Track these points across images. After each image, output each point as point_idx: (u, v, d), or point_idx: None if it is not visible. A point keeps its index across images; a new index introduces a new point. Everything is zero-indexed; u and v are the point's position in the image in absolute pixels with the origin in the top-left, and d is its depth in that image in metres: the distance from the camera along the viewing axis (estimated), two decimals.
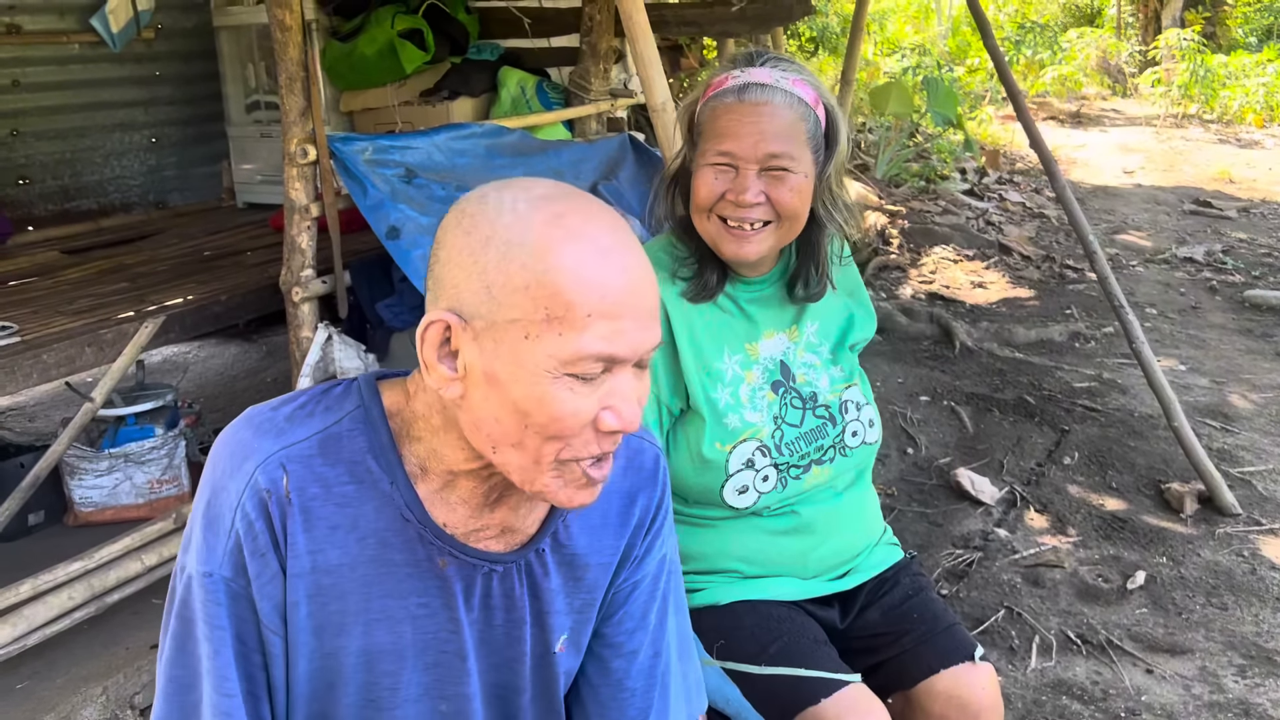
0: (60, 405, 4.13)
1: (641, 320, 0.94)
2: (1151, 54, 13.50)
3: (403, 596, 1.02)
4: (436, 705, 1.07)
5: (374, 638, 1.02)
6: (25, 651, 2.28)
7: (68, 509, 3.07)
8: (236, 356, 4.79)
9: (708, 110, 1.56)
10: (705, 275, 1.61)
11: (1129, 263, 6.35)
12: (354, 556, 0.99)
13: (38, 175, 4.74)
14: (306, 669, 1.01)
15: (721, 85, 1.55)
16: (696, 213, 1.58)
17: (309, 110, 2.75)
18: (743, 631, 1.59)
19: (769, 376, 1.65)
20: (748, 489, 1.60)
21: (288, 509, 0.96)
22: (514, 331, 0.91)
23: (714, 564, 1.65)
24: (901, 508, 3.38)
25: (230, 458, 0.98)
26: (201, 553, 0.97)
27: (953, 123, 8.00)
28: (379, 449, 0.99)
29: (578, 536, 1.10)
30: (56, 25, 4.71)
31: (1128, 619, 2.77)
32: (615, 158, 3.73)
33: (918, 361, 4.63)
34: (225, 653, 0.97)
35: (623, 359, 0.93)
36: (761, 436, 1.61)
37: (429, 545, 1.01)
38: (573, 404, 0.92)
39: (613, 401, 0.94)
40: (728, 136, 1.52)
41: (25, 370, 2.58)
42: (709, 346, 1.60)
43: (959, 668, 1.59)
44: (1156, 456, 3.62)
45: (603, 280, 0.91)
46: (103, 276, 3.50)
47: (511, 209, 0.93)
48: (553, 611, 1.09)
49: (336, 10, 4.21)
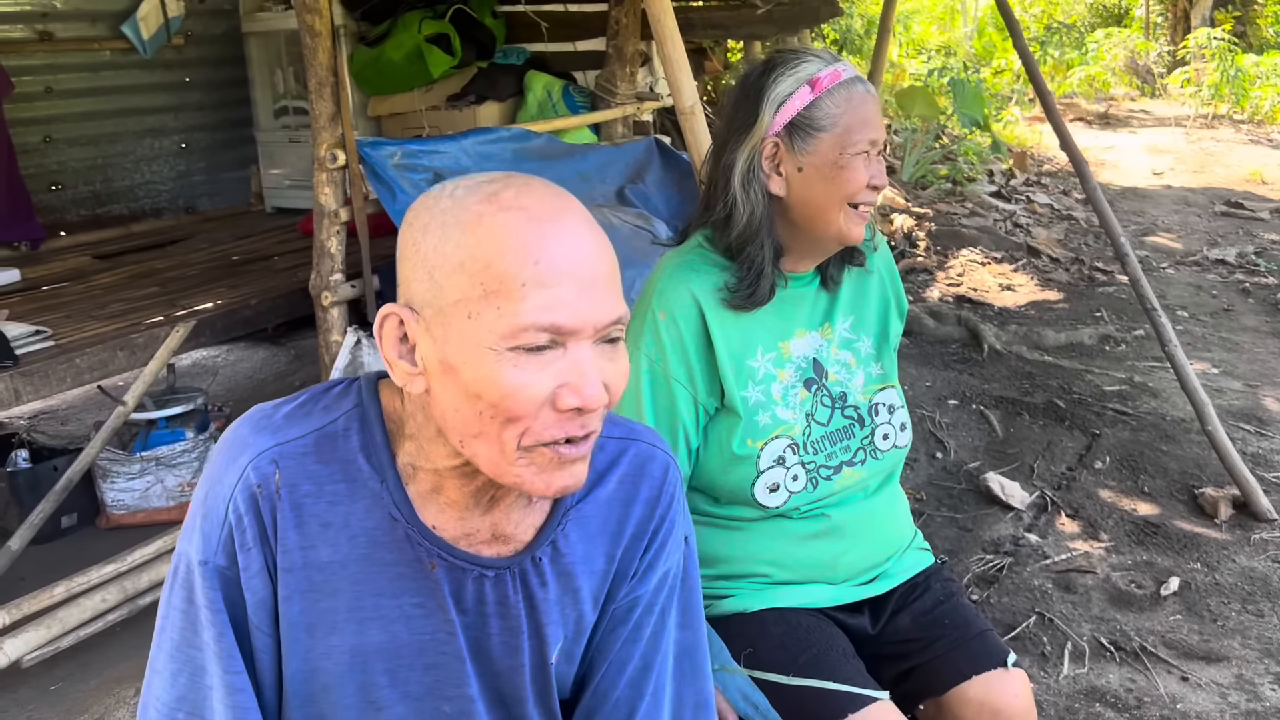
0: (92, 409, 4.17)
1: (584, 288, 0.89)
2: (1181, 54, 13.38)
3: (395, 596, 1.01)
4: (439, 706, 1.06)
5: (367, 637, 1.01)
6: (59, 653, 2.31)
7: (100, 511, 3.10)
8: (265, 360, 4.82)
9: (839, 99, 1.53)
10: (759, 287, 1.58)
11: (1159, 265, 6.29)
12: (345, 555, 0.99)
13: (70, 181, 4.80)
14: (300, 668, 1.01)
15: (837, 78, 1.54)
16: (832, 204, 1.55)
17: (338, 115, 2.77)
18: (771, 641, 1.57)
19: (802, 374, 1.64)
20: (779, 487, 1.59)
21: (278, 504, 0.97)
22: (458, 313, 0.89)
23: (742, 568, 1.64)
24: (930, 512, 3.36)
25: (227, 452, 0.99)
26: (198, 542, 0.99)
27: (979, 124, 7.96)
28: (372, 448, 0.99)
29: (576, 545, 1.07)
30: (88, 32, 4.77)
31: (1162, 625, 2.73)
32: (642, 161, 3.74)
33: (946, 365, 4.60)
34: (228, 635, 0.98)
35: (568, 329, 0.89)
36: (793, 434, 1.60)
37: (418, 546, 1.00)
38: (520, 379, 0.89)
39: (569, 378, 0.90)
40: (870, 125, 1.54)
41: (59, 374, 2.61)
42: (741, 344, 1.59)
43: (991, 674, 1.57)
44: (1189, 461, 3.57)
45: (535, 247, 0.88)
46: (134, 281, 3.54)
47: (450, 195, 0.93)
48: (549, 622, 1.07)
49: (364, 16, 4.24)
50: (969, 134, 8.49)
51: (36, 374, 2.56)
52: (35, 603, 2.27)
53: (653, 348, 1.58)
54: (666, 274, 1.61)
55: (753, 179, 1.57)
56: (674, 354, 1.57)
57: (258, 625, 1.00)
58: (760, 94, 1.55)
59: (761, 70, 1.58)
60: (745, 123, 1.57)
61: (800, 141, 1.54)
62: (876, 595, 1.70)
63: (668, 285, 1.59)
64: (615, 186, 3.58)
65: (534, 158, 3.39)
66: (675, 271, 1.61)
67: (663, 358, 1.57)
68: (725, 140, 1.61)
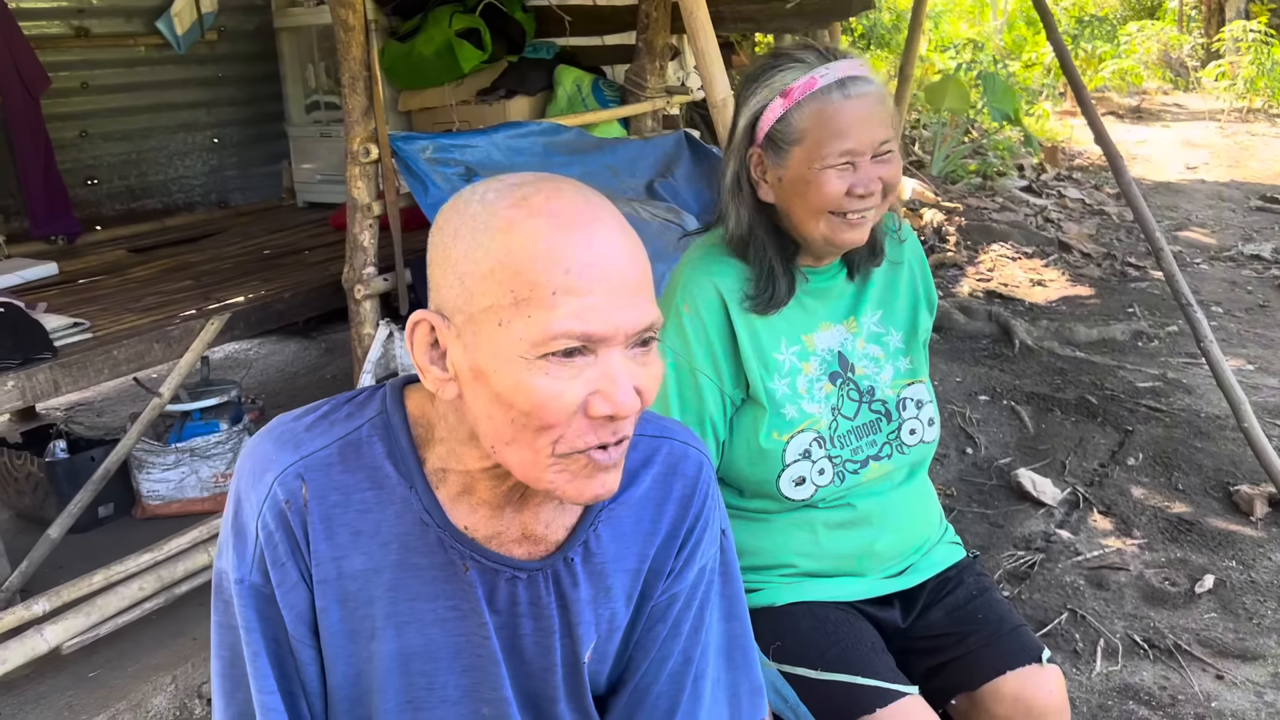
0: (127, 401, 4.22)
1: (616, 295, 0.88)
2: (1215, 47, 13.20)
3: (431, 599, 1.01)
4: (478, 709, 1.06)
5: (406, 640, 1.01)
6: (98, 641, 2.34)
7: (136, 502, 3.13)
8: (297, 353, 4.86)
9: (808, 113, 1.50)
10: (775, 288, 1.57)
11: (1193, 260, 6.21)
12: (378, 561, 0.99)
13: (105, 176, 4.85)
14: (344, 674, 1.02)
15: (813, 86, 1.50)
16: (810, 216, 1.53)
17: (371, 110, 2.78)
18: (799, 635, 1.57)
19: (826, 368, 1.63)
20: (805, 480, 1.59)
21: (308, 518, 0.97)
22: (489, 320, 0.89)
23: (770, 559, 1.64)
24: (961, 508, 3.34)
25: (252, 470, 0.99)
26: (233, 560, 1.00)
27: (1010, 118, 7.88)
28: (398, 454, 0.99)
29: (608, 545, 1.07)
30: (123, 28, 4.81)
31: (1196, 623, 2.71)
32: (671, 155, 3.73)
33: (976, 360, 4.57)
34: (263, 655, 0.99)
35: (600, 337, 0.88)
36: (819, 428, 1.60)
37: (450, 549, 1.00)
38: (553, 389, 0.88)
39: (601, 385, 0.89)
40: (846, 135, 1.49)
41: (97, 365, 2.64)
42: (766, 338, 1.59)
43: (1026, 669, 1.56)
44: (1224, 458, 3.53)
45: (566, 255, 0.87)
46: (168, 275, 3.58)
47: (480, 199, 0.92)
48: (582, 622, 1.07)
49: (395, 10, 4.26)
50: (999, 128, 8.42)
51: (75, 365, 2.59)
52: (74, 590, 2.30)
53: (678, 341, 1.58)
54: (690, 268, 1.62)
55: (739, 188, 1.58)
56: (699, 347, 1.57)
57: (299, 638, 1.00)
58: (743, 103, 1.56)
59: (750, 75, 1.57)
60: (735, 131, 1.58)
61: (774, 155, 1.54)
62: (907, 589, 1.69)
63: (691, 279, 1.60)
64: (644, 180, 3.58)
65: (564, 152, 3.40)
66: (699, 265, 1.61)
67: (688, 351, 1.57)
68: (726, 146, 1.64)
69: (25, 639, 2.19)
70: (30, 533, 2.88)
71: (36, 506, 3.07)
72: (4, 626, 2.19)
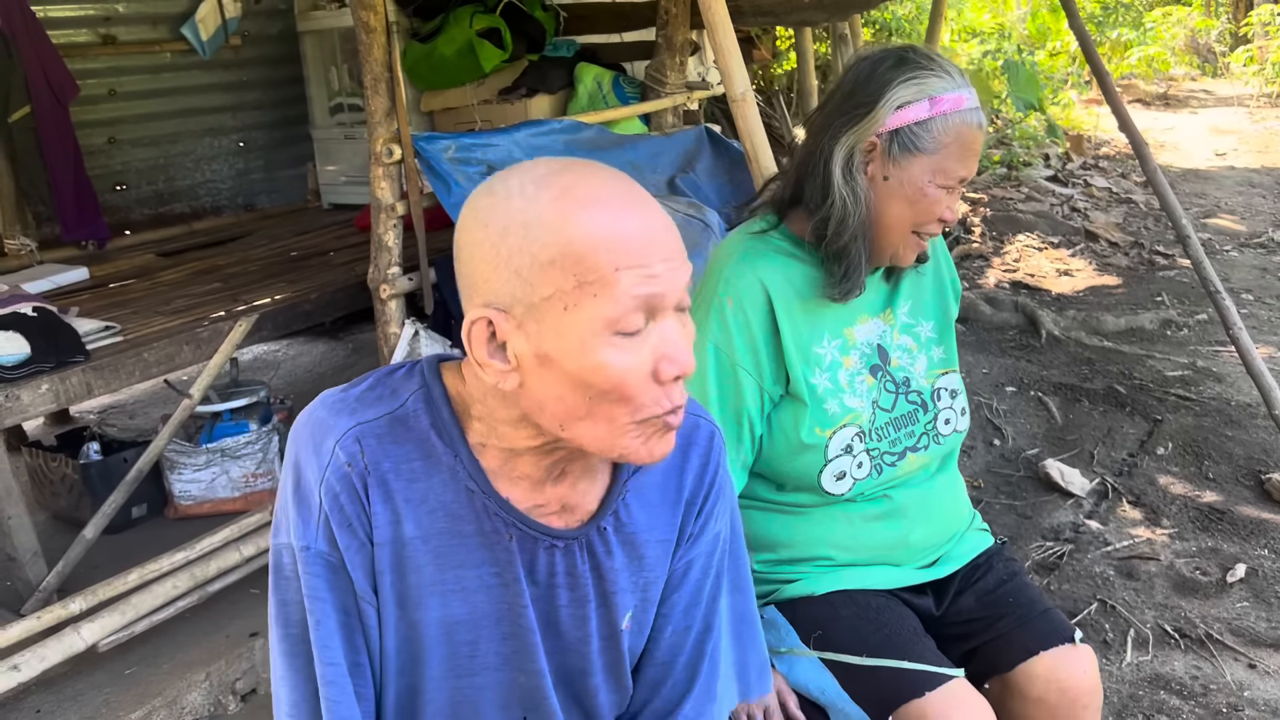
0: (158, 403, 4.28)
1: (669, 260, 0.95)
2: (1243, 32, 13.03)
3: (476, 566, 1.04)
4: (515, 677, 1.08)
5: (451, 609, 1.04)
6: (133, 639, 2.38)
7: (168, 502, 3.18)
8: (324, 354, 4.91)
9: (951, 129, 1.48)
10: (858, 280, 1.55)
11: (1222, 247, 6.15)
12: (426, 529, 1.02)
13: (134, 181, 4.91)
14: (394, 642, 1.04)
15: (961, 104, 1.48)
16: (898, 225, 1.52)
17: (393, 111, 2.80)
18: (841, 622, 1.57)
19: (867, 361, 1.62)
20: (845, 475, 1.59)
21: (368, 480, 1.00)
22: (553, 307, 0.93)
23: (806, 551, 1.64)
24: (989, 500, 3.33)
25: (310, 437, 1.02)
26: (297, 528, 1.01)
27: (1035, 108, 7.82)
28: (442, 426, 1.03)
29: (637, 514, 1.11)
30: (149, 35, 4.87)
31: (1228, 613, 2.68)
32: (692, 150, 3.74)
33: (1003, 351, 4.55)
34: (327, 623, 1.01)
35: (661, 301, 0.94)
36: (860, 422, 1.59)
37: (494, 517, 1.04)
38: (627, 361, 0.93)
39: (665, 349, 0.95)
40: (968, 163, 1.49)
41: (128, 368, 2.68)
42: (809, 331, 1.58)
43: (1059, 650, 1.56)
44: (1255, 446, 3.50)
45: (621, 234, 0.93)
46: (197, 278, 3.62)
47: (520, 193, 0.95)
48: (618, 590, 1.10)
49: (416, 12, 4.28)
50: (1024, 118, 8.35)
51: (107, 368, 2.63)
52: (110, 589, 2.34)
53: (720, 334, 1.56)
54: (734, 260, 1.58)
55: (855, 171, 1.51)
56: (741, 341, 1.55)
57: (367, 599, 1.03)
58: (883, 89, 1.48)
59: (891, 63, 1.50)
60: (857, 112, 1.50)
61: (898, 152, 1.49)
62: (940, 578, 1.70)
63: (735, 271, 1.57)
64: (666, 176, 3.58)
65: (585, 149, 3.41)
66: (742, 257, 1.58)
67: (729, 345, 1.56)
68: (828, 123, 1.53)
69: (63, 637, 2.23)
70: (66, 533, 2.93)
71: (71, 508, 3.12)
72: (42, 625, 2.23)
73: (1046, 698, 1.54)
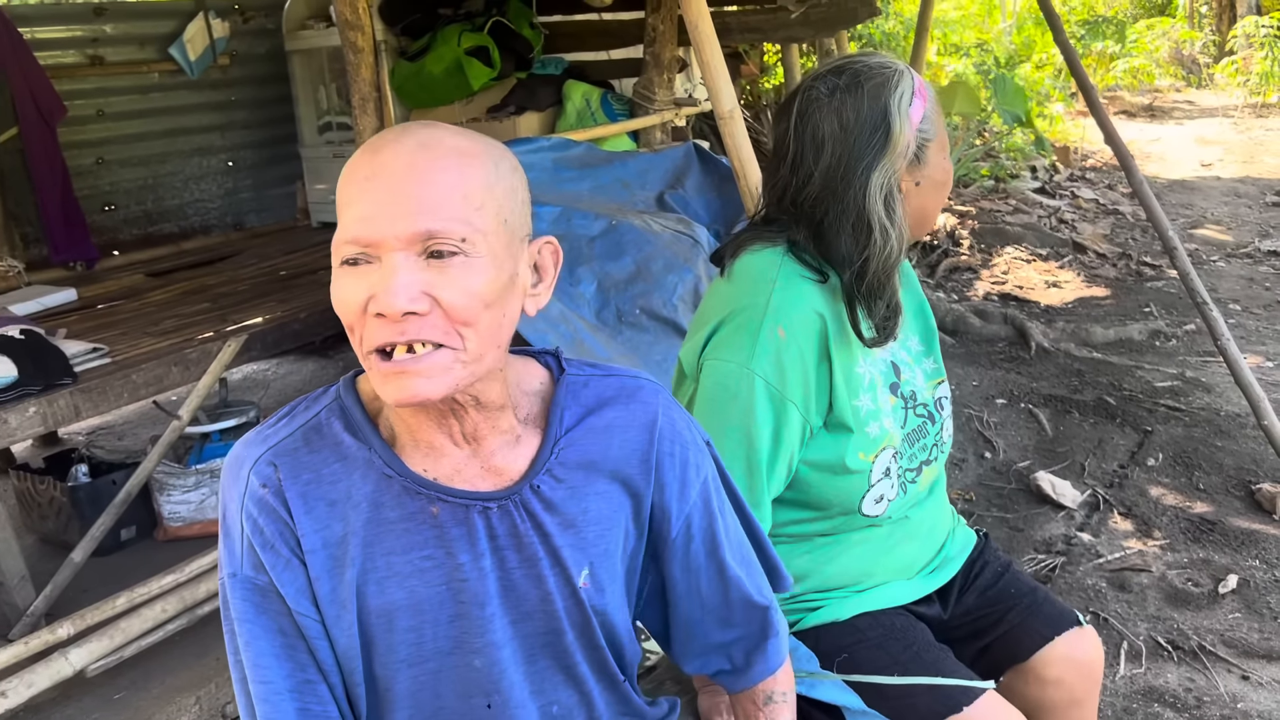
0: (148, 424, 4.26)
1: (384, 205, 0.95)
2: (1228, 43, 13.13)
3: (404, 551, 1.06)
4: (470, 660, 1.09)
5: (388, 596, 1.06)
6: (122, 663, 2.36)
7: (157, 524, 3.16)
8: (314, 372, 4.89)
9: (932, 106, 1.48)
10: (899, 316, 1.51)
11: (1209, 258, 6.18)
12: (352, 524, 1.05)
13: (122, 201, 4.91)
14: (343, 642, 1.07)
15: (924, 82, 1.49)
16: (935, 213, 1.53)
17: (382, 129, 2.80)
18: (867, 644, 1.55)
19: (886, 379, 1.60)
20: (883, 498, 1.57)
21: (286, 496, 1.04)
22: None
23: (830, 583, 1.61)
24: (981, 513, 3.33)
25: (229, 471, 1.07)
26: (224, 558, 1.07)
27: (1021, 120, 7.86)
28: (354, 425, 1.07)
29: (576, 470, 1.12)
30: (137, 55, 4.87)
31: (1220, 624, 2.69)
32: (681, 167, 3.75)
33: (993, 364, 4.56)
34: (257, 644, 1.05)
35: (372, 241, 0.95)
36: (894, 443, 1.55)
37: (416, 495, 1.06)
38: (343, 291, 0.98)
39: (375, 288, 0.96)
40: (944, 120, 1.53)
41: (116, 390, 2.67)
42: (848, 355, 1.53)
43: (1070, 634, 1.62)
44: (1245, 456, 3.51)
45: (354, 171, 0.98)
46: (186, 298, 3.61)
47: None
48: (564, 546, 1.10)
49: (404, 30, 4.29)
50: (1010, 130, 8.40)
51: (95, 390, 2.62)
52: (98, 613, 2.32)
53: (771, 368, 1.46)
54: (781, 286, 1.48)
55: (894, 202, 1.44)
56: (795, 375, 1.46)
57: (304, 613, 1.05)
58: (886, 112, 1.43)
59: (871, 85, 1.44)
60: (874, 144, 1.43)
61: (919, 153, 1.47)
62: (944, 584, 1.70)
63: (786, 300, 1.47)
64: (655, 192, 3.59)
65: (574, 166, 3.42)
66: (789, 283, 1.48)
67: (782, 379, 1.46)
68: (849, 166, 1.44)
69: (51, 662, 2.21)
70: (54, 557, 2.90)
71: (60, 531, 3.10)
72: (30, 650, 2.22)
73: (1064, 678, 1.60)
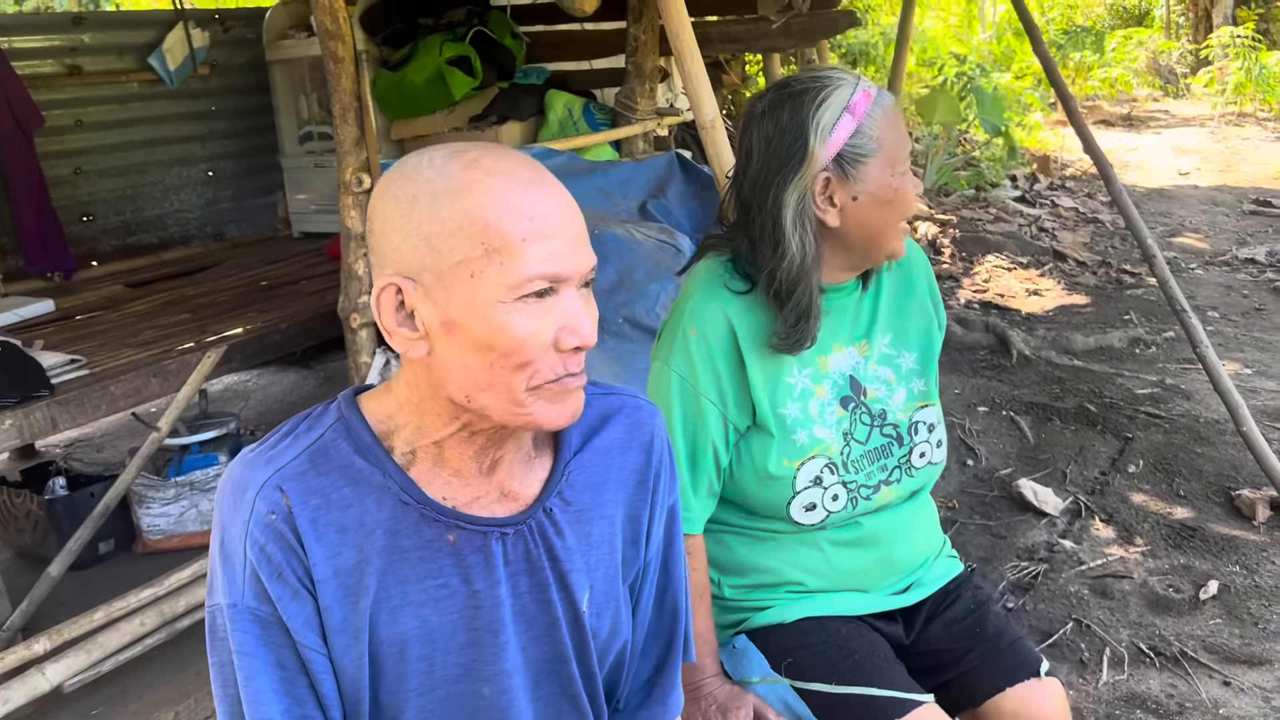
0: (127, 436, 4.22)
1: (574, 241, 0.99)
2: (1204, 53, 13.27)
3: (419, 580, 1.04)
4: (478, 688, 1.07)
5: (401, 625, 1.04)
6: (100, 678, 2.33)
7: (136, 537, 3.13)
8: (295, 383, 4.87)
9: (879, 122, 1.50)
10: (810, 328, 1.54)
11: (1188, 266, 6.23)
12: (366, 552, 1.02)
13: (101, 212, 4.87)
14: (351, 672, 1.03)
15: (871, 96, 1.50)
16: (891, 227, 1.54)
17: (363, 140, 2.80)
18: (811, 649, 1.56)
19: (838, 391, 1.61)
20: (816, 506, 1.58)
21: (296, 523, 1.00)
22: (460, 274, 0.96)
23: (777, 577, 1.64)
24: (963, 520, 3.33)
25: (231, 495, 1.02)
26: (224, 586, 1.01)
27: (1001, 131, 7.92)
28: (364, 448, 1.03)
29: (584, 492, 1.13)
30: (116, 65, 4.85)
31: (1201, 630, 2.70)
32: (663, 176, 3.75)
33: (974, 371, 4.58)
34: (258, 679, 1.00)
35: (564, 277, 0.98)
36: (830, 454, 1.58)
37: (433, 523, 1.04)
38: (529, 326, 0.97)
39: (567, 320, 0.98)
40: (906, 138, 1.52)
41: (94, 402, 2.64)
42: (776, 362, 1.57)
43: (1026, 685, 1.56)
44: (1225, 463, 3.53)
45: (528, 207, 0.96)
46: (165, 308, 3.59)
47: (429, 165, 0.99)
48: (573, 570, 1.11)
49: (385, 40, 4.29)
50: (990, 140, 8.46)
51: (72, 402, 2.59)
52: (75, 628, 2.30)
53: (683, 365, 1.56)
54: (699, 291, 1.58)
55: (805, 218, 1.50)
56: (705, 371, 1.55)
57: (310, 645, 1.01)
58: (803, 128, 1.48)
59: (793, 101, 1.50)
60: (791, 160, 1.49)
61: (851, 169, 1.49)
62: (909, 605, 1.69)
63: (700, 303, 1.57)
64: (638, 202, 3.60)
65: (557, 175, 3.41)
66: (708, 289, 1.58)
67: (693, 375, 1.55)
68: (767, 180, 1.51)
69: (27, 678, 2.19)
70: (31, 571, 2.87)
71: (37, 544, 3.06)
72: (5, 666, 2.19)
73: None
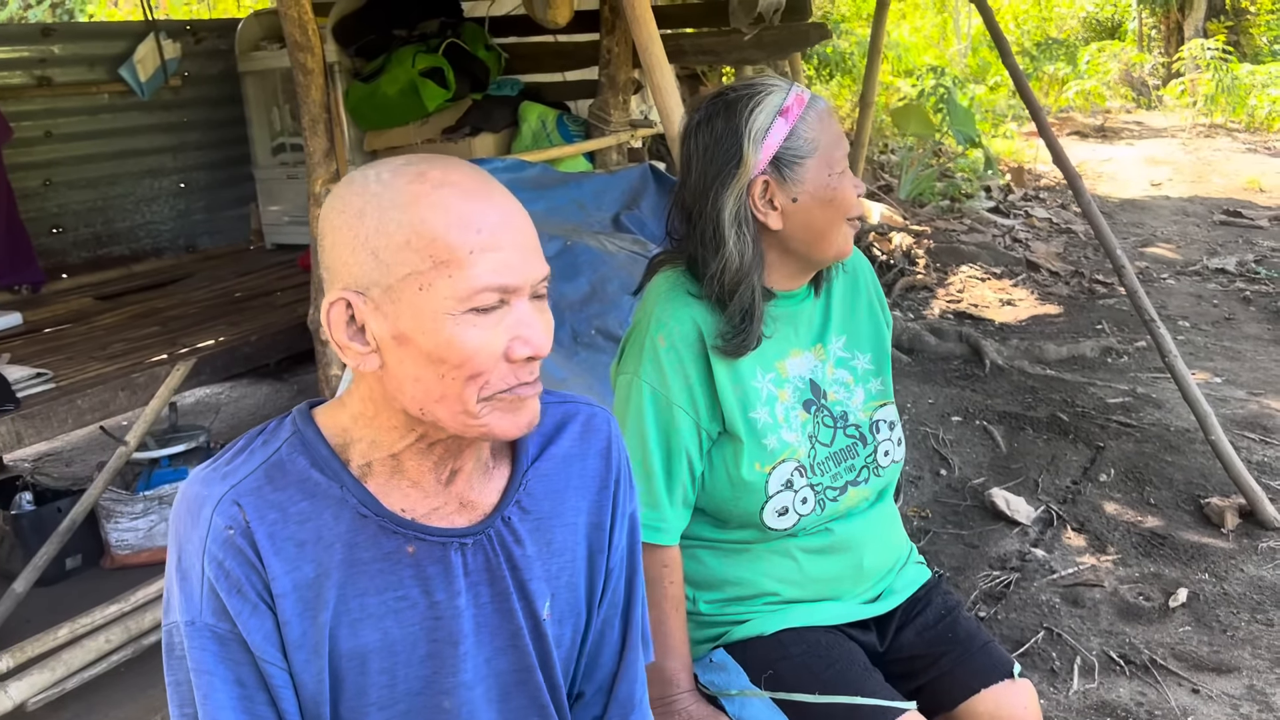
0: (95, 449, 4.18)
1: (522, 251, 0.99)
2: (1176, 65, 13.42)
3: (378, 592, 1.03)
4: (439, 701, 1.07)
5: (361, 639, 1.03)
6: (65, 696, 2.30)
7: (104, 552, 3.10)
8: (268, 396, 4.83)
9: (812, 124, 1.53)
10: (752, 331, 1.56)
11: (1160, 275, 6.29)
12: (326, 565, 1.01)
13: (70, 224, 4.83)
14: (314, 687, 1.03)
15: (804, 99, 1.54)
16: (833, 227, 1.56)
17: (333, 151, 2.79)
18: (791, 661, 1.57)
19: (800, 395, 1.63)
20: (787, 510, 1.59)
21: (254, 538, 0.99)
22: (409, 287, 0.96)
23: (753, 589, 1.64)
24: (936, 530, 3.35)
25: (187, 512, 1.01)
26: (181, 604, 1.00)
27: (974, 141, 7.98)
28: (321, 461, 1.03)
29: (542, 501, 1.13)
30: (86, 76, 4.81)
31: (1171, 638, 2.71)
32: (637, 188, 3.76)
33: (948, 381, 4.60)
34: (216, 696, 0.99)
35: (514, 287, 0.98)
36: (799, 457, 1.60)
37: (392, 535, 1.03)
38: (479, 338, 0.96)
39: (519, 331, 0.98)
40: (842, 141, 1.55)
41: (60, 415, 2.62)
42: (743, 365, 1.59)
43: (999, 687, 1.58)
44: (1195, 471, 3.56)
45: (475, 218, 0.96)
46: (135, 321, 3.56)
47: (377, 179, 0.99)
48: (533, 579, 1.11)
49: (358, 52, 4.28)
50: (964, 151, 8.52)
51: (38, 416, 2.57)
52: (39, 645, 2.27)
53: (654, 374, 1.56)
54: (663, 300, 1.59)
55: (744, 221, 1.54)
56: (676, 380, 1.56)
57: (270, 660, 1.00)
58: (737, 134, 1.52)
59: (727, 110, 1.54)
60: (727, 166, 1.53)
61: (788, 172, 1.53)
62: (882, 614, 1.70)
63: (666, 312, 1.58)
64: (611, 213, 3.60)
65: (529, 187, 3.41)
66: (671, 297, 1.59)
67: (665, 384, 1.56)
68: (705, 187, 1.55)
69: None
70: None
71: (2, 560, 3.03)
72: None
73: None
